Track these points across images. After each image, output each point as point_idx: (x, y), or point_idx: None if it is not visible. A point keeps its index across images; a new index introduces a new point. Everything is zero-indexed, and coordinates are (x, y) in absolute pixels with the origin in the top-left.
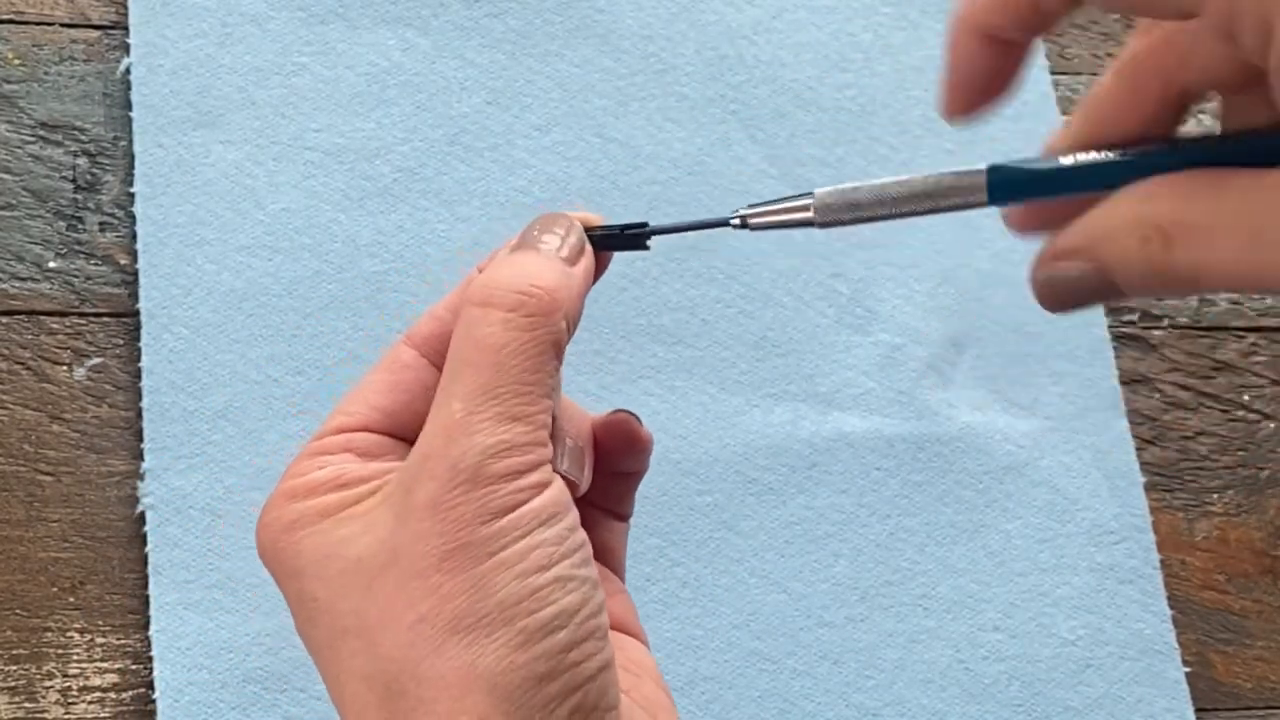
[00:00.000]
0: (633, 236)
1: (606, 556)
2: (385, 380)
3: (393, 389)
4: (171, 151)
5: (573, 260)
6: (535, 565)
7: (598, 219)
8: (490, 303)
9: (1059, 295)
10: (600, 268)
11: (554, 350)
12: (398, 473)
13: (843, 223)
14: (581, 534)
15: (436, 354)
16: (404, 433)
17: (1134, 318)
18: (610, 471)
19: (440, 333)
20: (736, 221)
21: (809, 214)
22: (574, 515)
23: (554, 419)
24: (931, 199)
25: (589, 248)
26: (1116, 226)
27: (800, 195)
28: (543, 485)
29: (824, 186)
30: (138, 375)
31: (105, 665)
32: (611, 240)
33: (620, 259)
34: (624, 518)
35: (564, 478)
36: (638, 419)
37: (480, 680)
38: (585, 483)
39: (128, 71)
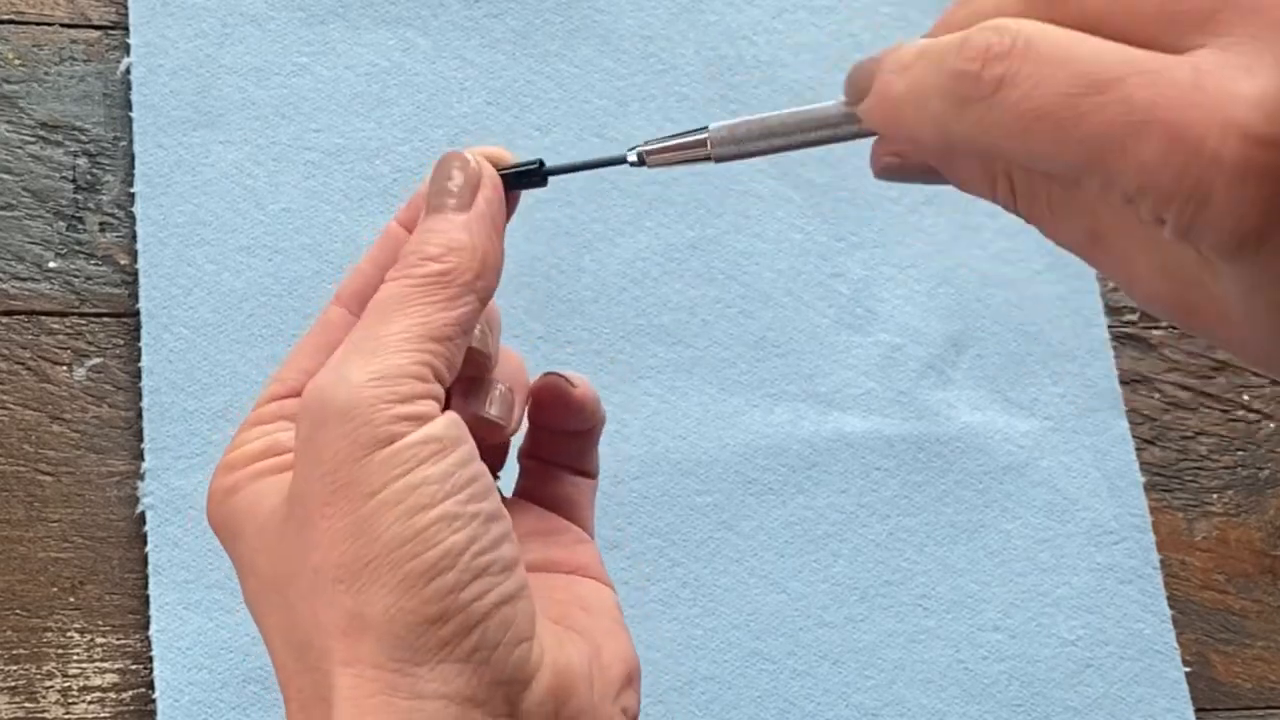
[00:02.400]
0: (529, 175)
1: (570, 510)
2: (315, 342)
3: (320, 349)
4: (171, 151)
5: (464, 206)
6: (418, 504)
7: (500, 154)
8: (391, 272)
9: (893, 178)
10: (509, 207)
11: (442, 292)
12: None
13: (737, 155)
14: (476, 468)
15: (361, 308)
16: None
17: (1134, 318)
18: (558, 430)
19: (362, 284)
20: (633, 158)
21: (705, 149)
22: (465, 450)
23: (491, 367)
24: (813, 129)
25: (486, 182)
26: (966, 156)
27: (696, 130)
28: (423, 417)
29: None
30: (138, 375)
31: (105, 665)
32: (510, 180)
33: (620, 259)
34: (588, 474)
35: (491, 421)
36: (568, 380)
37: (370, 627)
38: (514, 425)
39: (128, 71)
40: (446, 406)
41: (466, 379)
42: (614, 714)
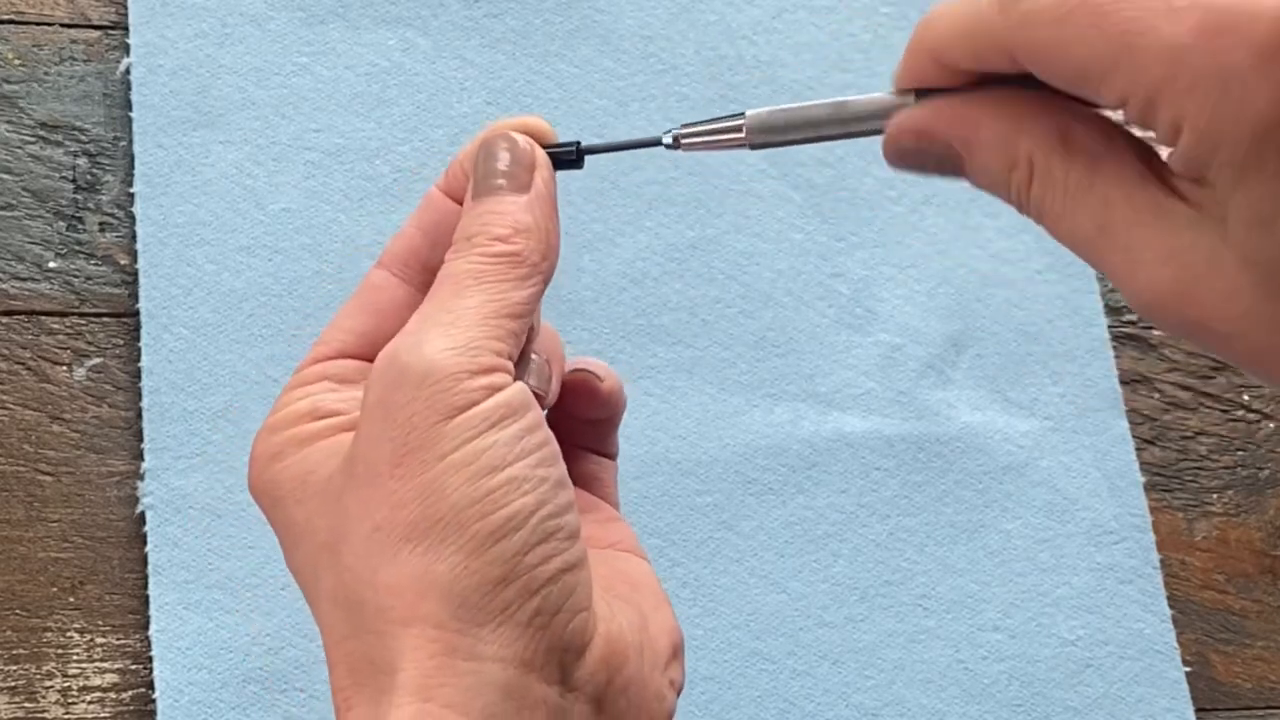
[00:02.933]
0: (566, 156)
1: (597, 488)
2: (357, 304)
3: (363, 310)
4: (171, 151)
5: (523, 188)
6: (487, 466)
7: (538, 124)
8: (456, 249)
9: (905, 164)
10: None
11: (514, 272)
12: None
13: (773, 144)
14: (543, 434)
15: (405, 269)
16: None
17: (1134, 318)
18: (582, 419)
19: (406, 248)
20: (668, 140)
21: (741, 135)
22: (533, 416)
23: (532, 339)
24: (857, 121)
25: (541, 162)
26: (988, 140)
27: (732, 115)
28: (496, 388)
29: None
30: (138, 375)
31: (105, 665)
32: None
33: (620, 259)
34: (610, 456)
35: (532, 390)
36: (596, 375)
37: (435, 587)
38: (553, 396)
39: (128, 71)
40: None
41: None
42: (662, 685)
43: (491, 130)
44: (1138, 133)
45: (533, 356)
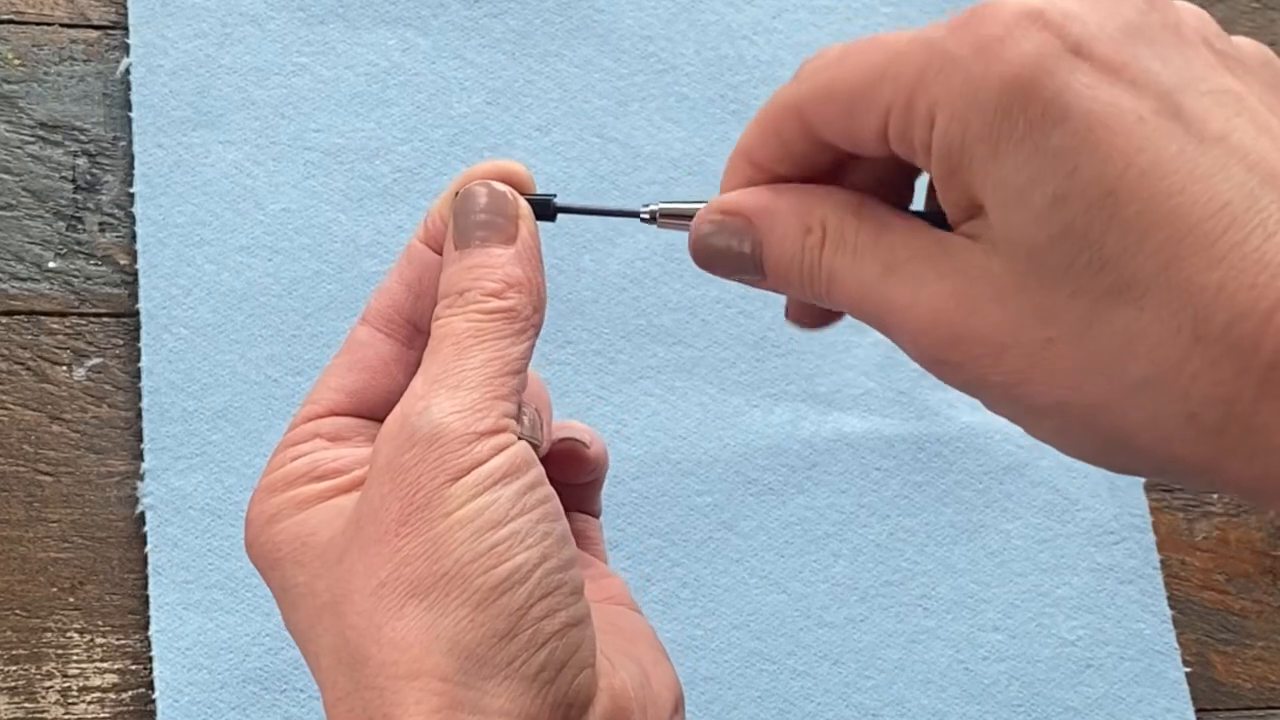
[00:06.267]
0: (539, 208)
1: (585, 543)
2: (345, 361)
3: (351, 368)
4: (171, 151)
5: (509, 240)
6: (490, 521)
7: (515, 169)
8: (449, 304)
9: (709, 254)
10: None
11: (510, 327)
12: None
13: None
14: (546, 490)
15: (389, 325)
16: (370, 411)
17: None
18: (566, 484)
19: (389, 304)
20: (645, 215)
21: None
22: (536, 474)
23: (521, 388)
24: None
25: (525, 213)
26: (786, 209)
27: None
28: (501, 448)
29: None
30: (138, 375)
31: (105, 665)
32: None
33: (620, 259)
34: (595, 514)
35: (527, 441)
36: (582, 442)
37: (440, 640)
38: (545, 445)
39: (128, 71)
40: None
41: None
42: None
43: (468, 176)
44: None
45: (527, 407)
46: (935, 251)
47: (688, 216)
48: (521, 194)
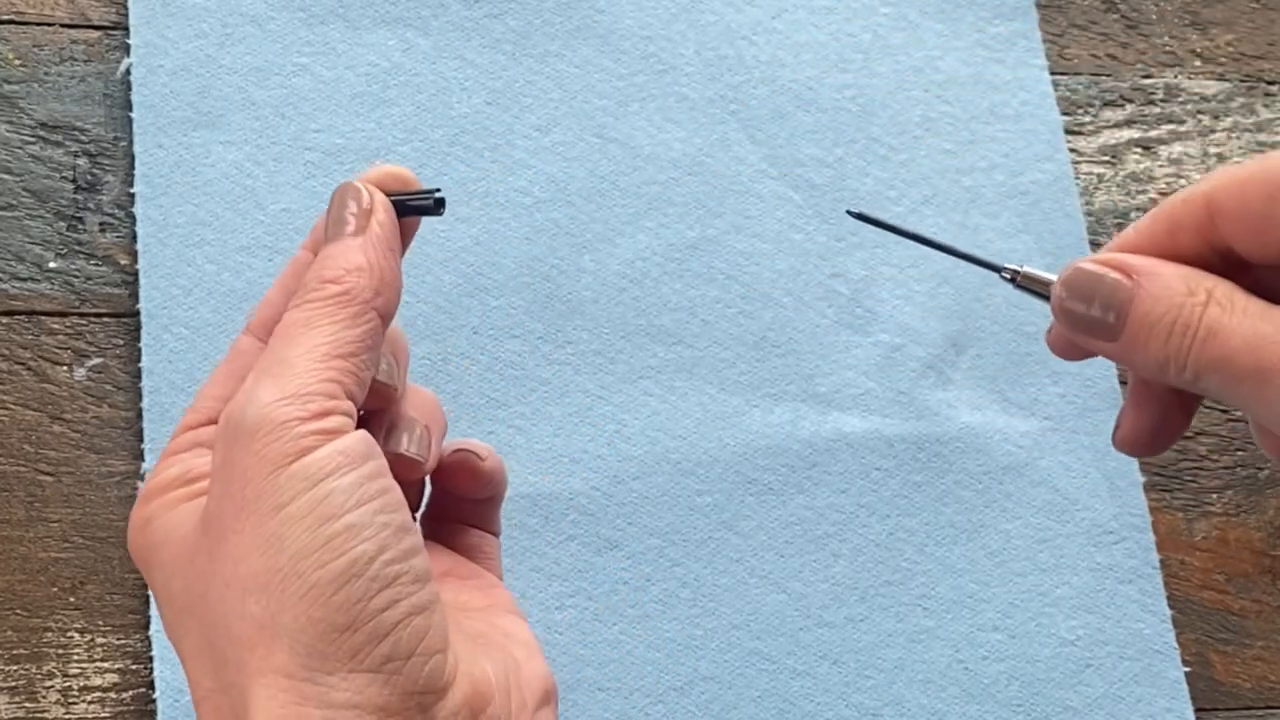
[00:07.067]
0: (423, 202)
1: (479, 557)
2: (226, 370)
3: (231, 376)
4: (171, 152)
5: (359, 231)
6: (325, 515)
7: (402, 173)
8: (292, 301)
9: (1074, 300)
10: (408, 233)
11: (344, 311)
12: None
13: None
14: (385, 481)
15: (267, 333)
16: None
17: None
18: (465, 497)
19: (271, 314)
20: (1007, 276)
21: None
22: (375, 464)
23: (398, 399)
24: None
25: (379, 206)
26: (1172, 272)
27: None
28: (332, 432)
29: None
30: (138, 375)
31: (105, 665)
32: (405, 207)
33: (620, 259)
34: (494, 533)
35: (410, 458)
36: (477, 454)
37: (282, 637)
38: (431, 463)
39: (128, 72)
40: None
41: (380, 416)
42: None
43: (344, 183)
44: None
45: (416, 424)
46: None
47: (1046, 284)
48: (405, 191)
